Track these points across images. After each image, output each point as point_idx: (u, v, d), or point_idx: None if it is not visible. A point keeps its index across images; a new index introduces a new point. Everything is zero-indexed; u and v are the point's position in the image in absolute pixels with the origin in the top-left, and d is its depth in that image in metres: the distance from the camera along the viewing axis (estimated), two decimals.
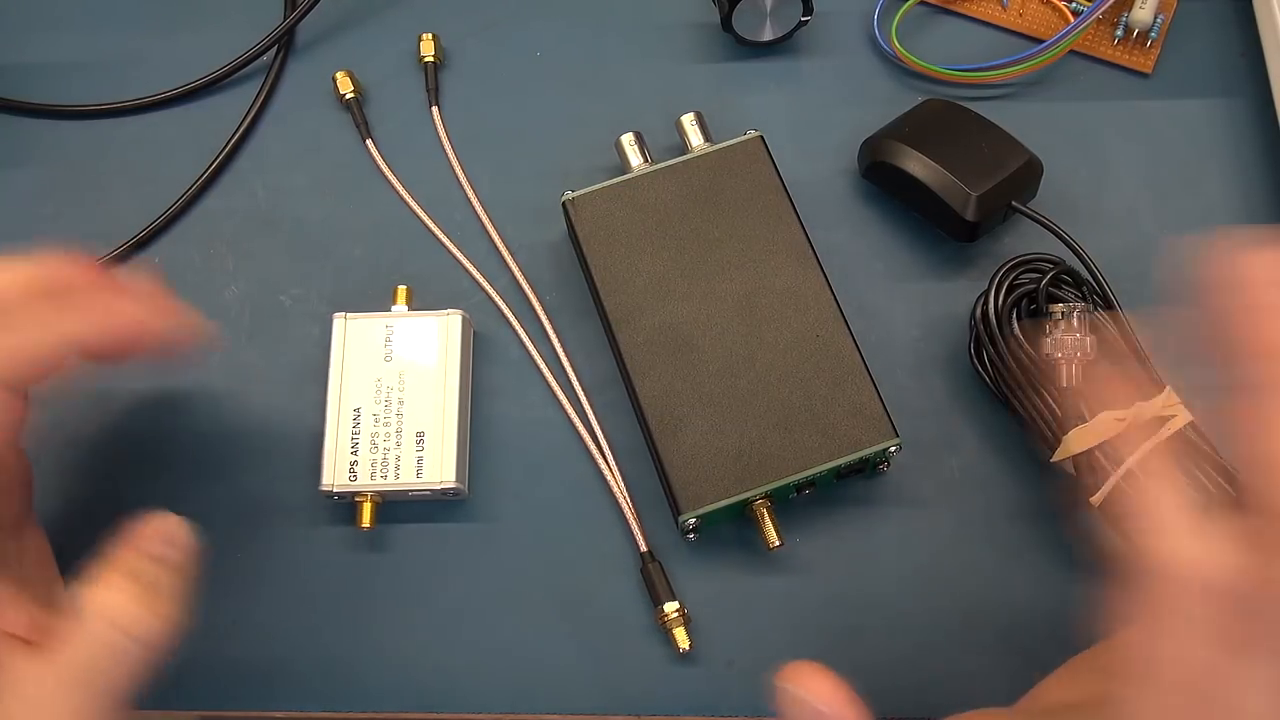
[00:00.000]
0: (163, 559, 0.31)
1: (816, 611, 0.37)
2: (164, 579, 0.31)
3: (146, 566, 0.30)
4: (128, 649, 0.29)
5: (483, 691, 0.36)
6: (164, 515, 0.31)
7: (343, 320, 0.39)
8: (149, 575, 0.30)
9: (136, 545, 0.31)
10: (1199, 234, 0.41)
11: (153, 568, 0.31)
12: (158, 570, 0.31)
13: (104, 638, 0.29)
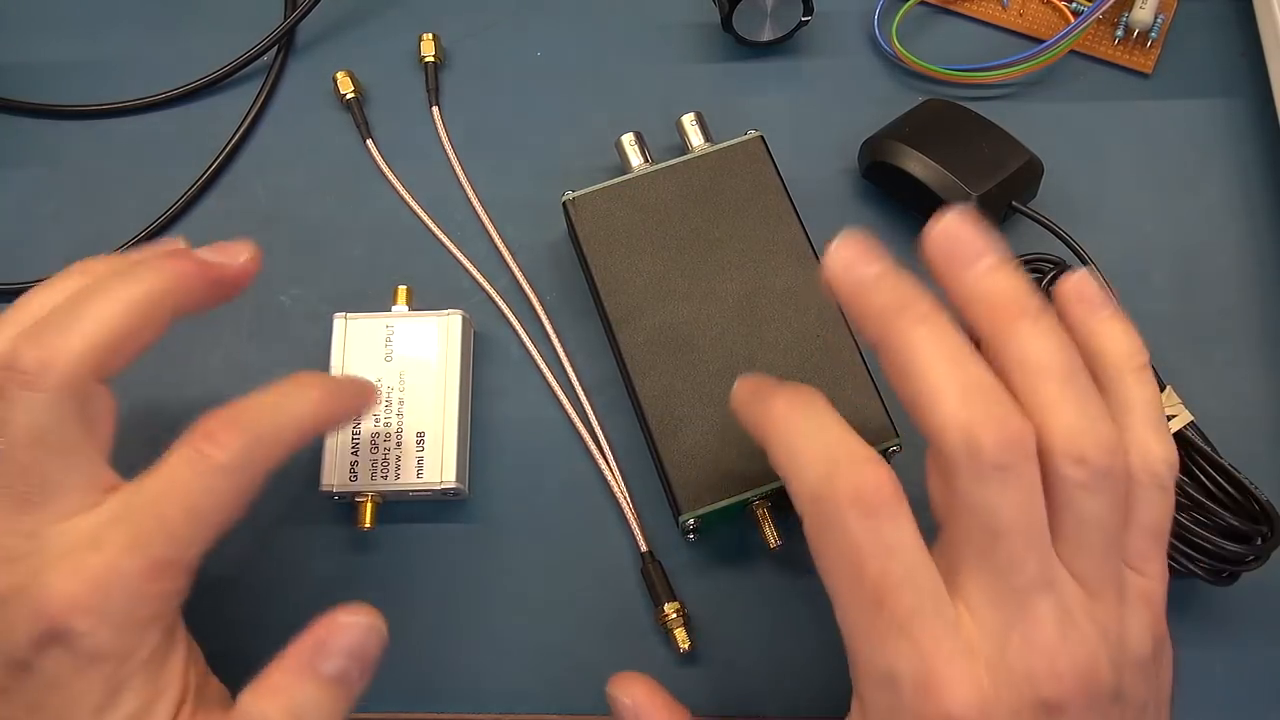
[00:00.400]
0: (340, 679, 0.29)
1: (816, 611, 0.37)
2: (329, 708, 0.28)
3: (310, 696, 0.28)
4: None
5: (483, 691, 0.36)
6: (358, 620, 0.29)
7: (343, 320, 0.39)
8: (311, 708, 0.28)
9: (311, 662, 0.28)
10: (1198, 235, 0.41)
11: (318, 698, 0.28)
12: (323, 701, 0.28)
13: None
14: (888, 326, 0.27)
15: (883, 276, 0.27)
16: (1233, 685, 0.36)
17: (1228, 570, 0.34)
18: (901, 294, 0.27)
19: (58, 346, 0.28)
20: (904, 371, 0.26)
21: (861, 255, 0.28)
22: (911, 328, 0.26)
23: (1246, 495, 0.34)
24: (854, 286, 0.28)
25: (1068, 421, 0.26)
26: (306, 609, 0.37)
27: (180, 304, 0.30)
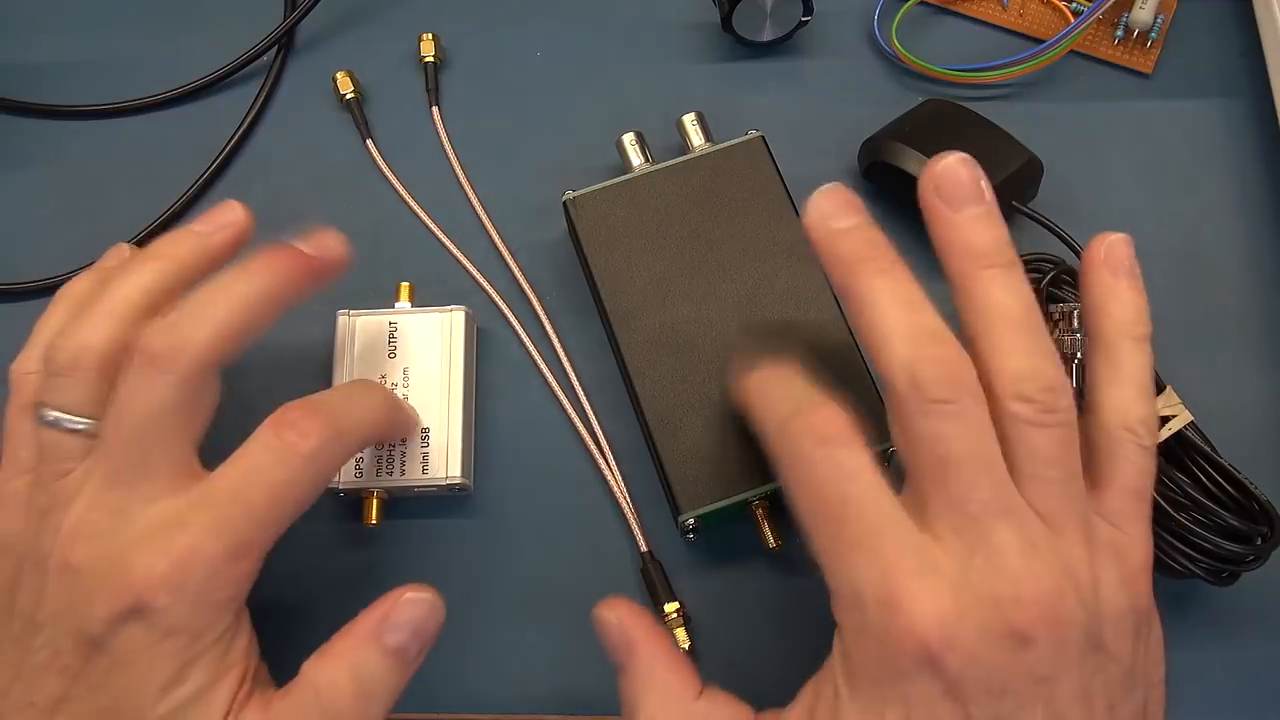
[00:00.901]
0: (400, 652, 0.30)
1: (816, 611, 0.37)
2: (387, 679, 0.30)
3: (373, 663, 0.30)
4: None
5: (483, 691, 0.36)
6: (421, 598, 0.31)
7: (347, 317, 0.39)
8: (370, 675, 0.30)
9: (377, 633, 0.30)
10: (1198, 235, 0.41)
11: (380, 666, 0.30)
12: (384, 670, 0.30)
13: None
14: (852, 274, 0.29)
15: (854, 229, 0.29)
16: (1233, 685, 0.36)
17: (1228, 570, 0.34)
18: (867, 246, 0.29)
19: (188, 335, 0.30)
20: (862, 316, 0.28)
21: (839, 207, 0.30)
22: (872, 277, 0.28)
23: (1246, 495, 0.34)
24: (827, 236, 0.29)
25: (1015, 364, 0.27)
26: (313, 605, 0.37)
27: (291, 297, 0.32)
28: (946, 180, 0.29)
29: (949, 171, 0.29)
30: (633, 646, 0.30)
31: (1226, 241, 0.41)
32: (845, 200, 0.30)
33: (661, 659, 0.30)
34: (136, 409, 0.29)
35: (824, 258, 0.30)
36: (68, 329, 0.31)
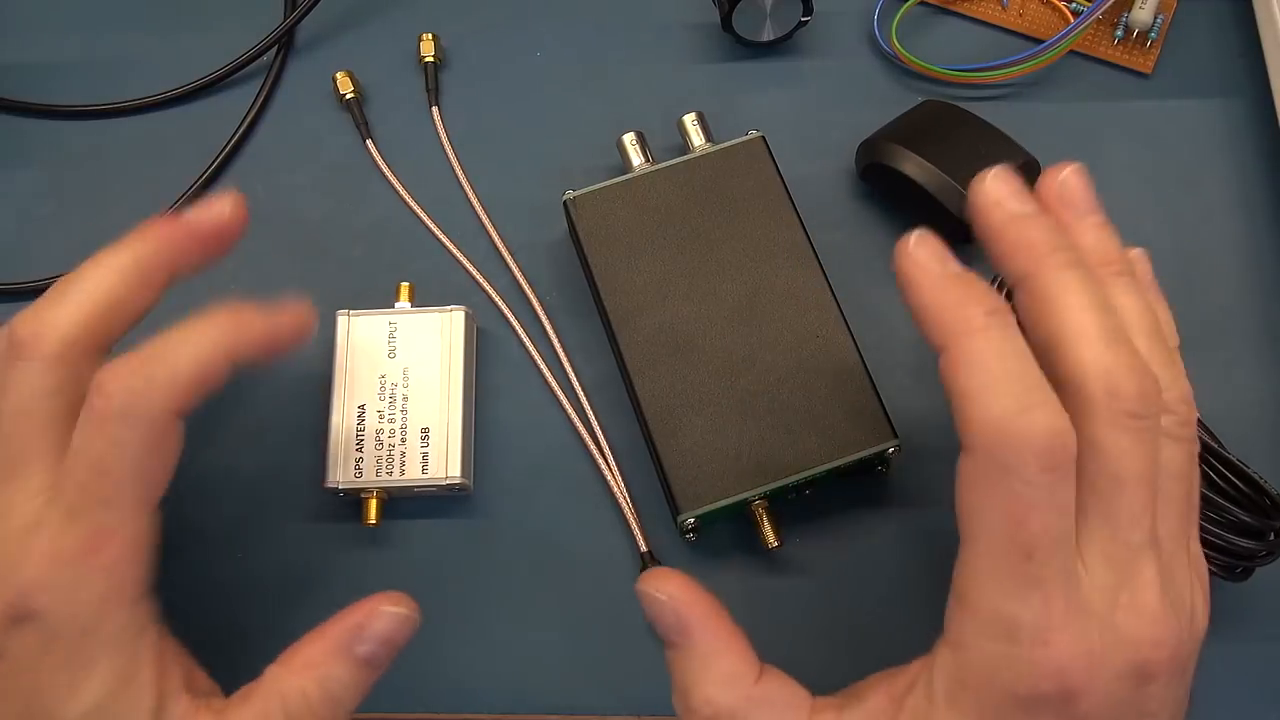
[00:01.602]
0: (369, 662, 0.30)
1: (816, 611, 0.37)
2: (356, 687, 0.30)
3: (342, 674, 0.29)
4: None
5: (483, 691, 0.36)
6: (396, 611, 0.30)
7: (346, 318, 0.39)
8: (339, 686, 0.29)
9: (349, 643, 0.29)
10: (1198, 235, 0.41)
11: (349, 677, 0.29)
12: (353, 679, 0.29)
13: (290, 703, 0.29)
14: (1039, 263, 0.27)
15: (1038, 216, 0.28)
16: (1252, 679, 0.36)
17: (1241, 566, 0.34)
18: (1055, 235, 0.27)
19: (47, 319, 0.29)
20: (1048, 309, 0.26)
21: (1018, 192, 0.28)
22: (1063, 269, 0.27)
23: (1258, 490, 0.34)
24: (1006, 219, 0.28)
25: (1183, 387, 0.28)
26: (313, 606, 0.37)
27: (172, 264, 0.31)
28: (1066, 189, 0.29)
29: (1069, 182, 0.29)
30: (687, 628, 0.29)
31: (1226, 241, 0.41)
32: (1021, 186, 0.28)
33: (721, 640, 0.29)
34: (7, 400, 0.28)
35: (1000, 244, 0.28)
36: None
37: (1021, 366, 0.25)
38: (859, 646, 0.36)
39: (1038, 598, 0.25)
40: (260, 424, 0.39)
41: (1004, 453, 0.25)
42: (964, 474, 0.26)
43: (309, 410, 0.39)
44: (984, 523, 0.26)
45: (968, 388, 0.25)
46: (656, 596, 0.29)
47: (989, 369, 0.25)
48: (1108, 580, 0.25)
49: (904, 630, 0.36)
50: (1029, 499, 0.25)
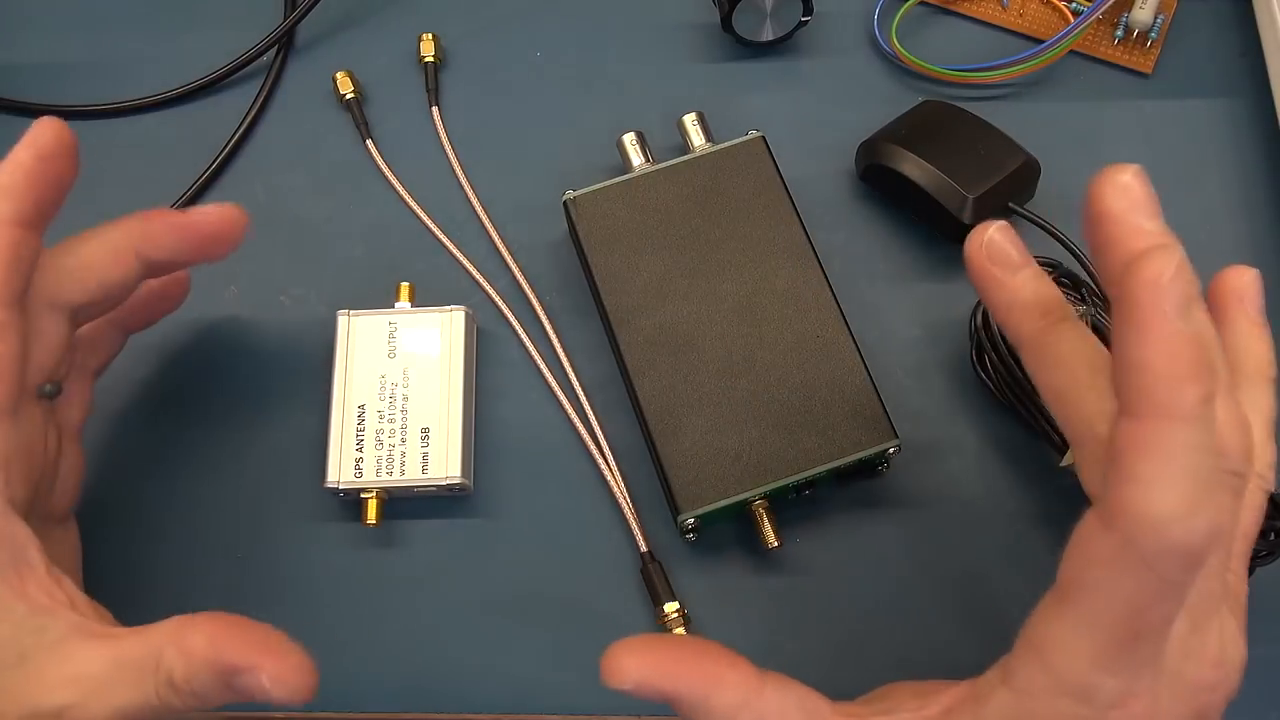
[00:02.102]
0: (239, 691, 0.28)
1: (816, 611, 0.37)
2: (216, 698, 0.28)
3: (208, 683, 0.28)
4: (152, 703, 0.28)
5: (483, 691, 0.36)
6: (294, 663, 0.28)
7: (346, 318, 0.39)
8: (205, 689, 0.28)
9: (227, 667, 0.28)
10: (1198, 235, 0.41)
11: (214, 688, 0.28)
12: (217, 692, 0.28)
13: (166, 657, 0.28)
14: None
15: (1171, 240, 0.24)
16: (1252, 679, 0.35)
17: None
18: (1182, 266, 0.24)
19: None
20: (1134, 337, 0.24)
21: (1150, 203, 0.24)
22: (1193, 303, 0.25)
23: None
24: (1139, 237, 0.24)
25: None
26: (313, 606, 0.37)
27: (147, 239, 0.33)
28: (1117, 228, 0.24)
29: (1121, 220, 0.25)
30: (667, 694, 0.27)
31: (1226, 241, 0.41)
32: (1150, 196, 0.24)
33: (708, 681, 0.27)
34: None
35: (1105, 257, 0.24)
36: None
37: (1207, 465, 0.23)
38: (859, 646, 0.36)
39: (1128, 672, 0.25)
40: (260, 424, 0.39)
41: (1154, 550, 0.23)
42: (1094, 547, 0.24)
43: (309, 410, 0.39)
44: (1100, 596, 0.24)
45: (1143, 474, 0.23)
46: (623, 688, 0.27)
47: (1175, 463, 0.23)
48: (1182, 630, 0.25)
49: (903, 630, 0.36)
50: (1159, 593, 0.23)
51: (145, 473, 0.39)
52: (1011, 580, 0.37)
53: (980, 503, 0.38)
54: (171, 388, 0.40)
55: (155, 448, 0.39)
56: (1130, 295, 0.23)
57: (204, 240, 0.35)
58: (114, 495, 0.38)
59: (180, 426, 0.40)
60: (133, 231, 0.34)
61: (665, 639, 0.29)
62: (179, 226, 0.34)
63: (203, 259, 0.35)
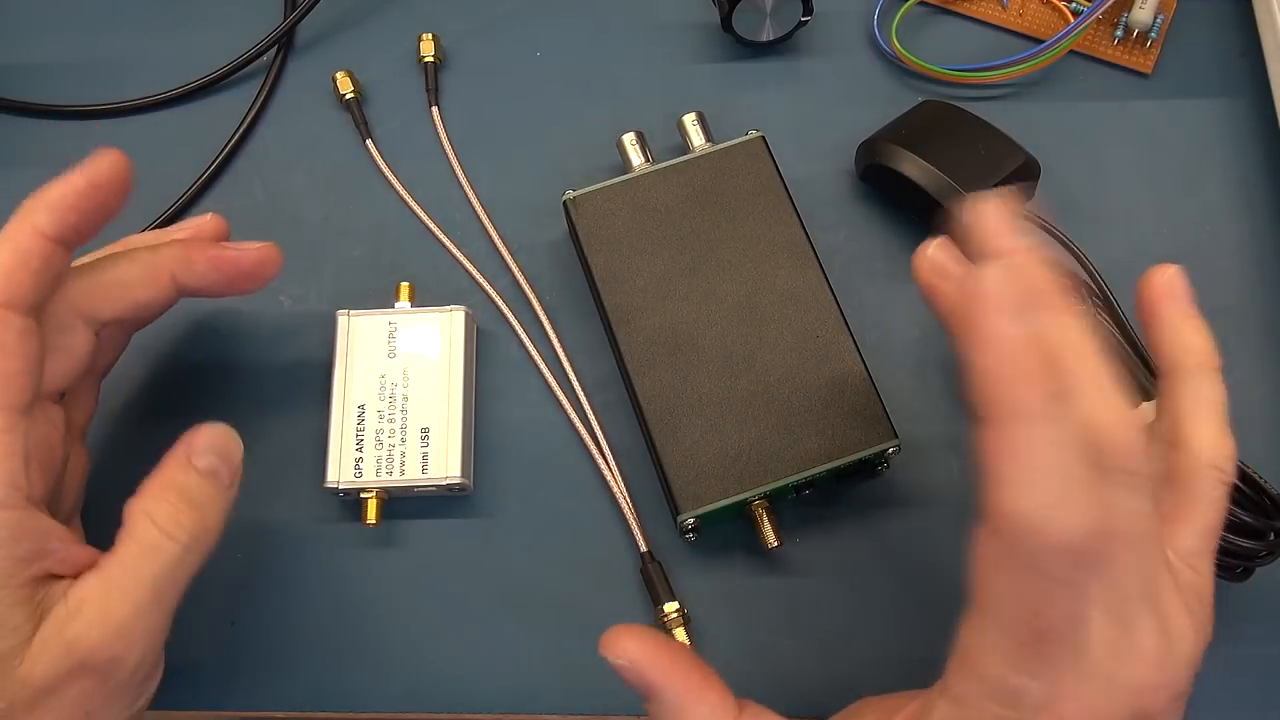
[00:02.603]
0: (212, 473, 0.32)
1: (816, 611, 0.37)
2: (210, 495, 0.32)
3: (194, 482, 0.31)
4: (172, 550, 0.30)
5: (483, 691, 0.36)
6: (216, 427, 0.32)
7: (346, 317, 0.39)
8: (195, 492, 0.31)
9: (187, 459, 0.31)
10: (1198, 235, 0.41)
11: (200, 484, 0.31)
12: (204, 487, 0.31)
13: (149, 539, 0.30)
14: (1039, 304, 0.25)
15: (1036, 250, 0.25)
16: (1252, 679, 0.36)
17: (1242, 566, 0.34)
18: (1056, 275, 0.26)
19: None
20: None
21: (1015, 222, 0.26)
22: (1064, 312, 0.25)
23: (1258, 490, 0.34)
24: (1003, 253, 0.25)
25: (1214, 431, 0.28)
26: (313, 606, 0.37)
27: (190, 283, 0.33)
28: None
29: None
30: (652, 686, 0.29)
31: (1226, 241, 0.41)
32: (1019, 214, 0.26)
33: (692, 691, 0.29)
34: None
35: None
36: None
37: (1070, 462, 0.23)
38: (859, 647, 0.36)
39: (1047, 673, 0.25)
40: (260, 424, 0.39)
41: (1034, 550, 0.23)
42: (984, 552, 0.25)
43: (309, 410, 0.39)
44: (999, 600, 0.25)
45: (1008, 477, 0.23)
46: (617, 662, 0.29)
47: (1036, 462, 0.23)
48: (1110, 635, 0.25)
49: (903, 631, 0.36)
50: (1049, 592, 0.24)
51: (145, 473, 0.39)
52: None
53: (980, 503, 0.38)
54: (171, 387, 0.40)
55: (155, 447, 0.39)
56: (964, 308, 0.24)
57: (241, 276, 0.36)
58: (114, 495, 0.38)
59: (180, 426, 0.39)
60: (173, 257, 0.35)
61: (665, 640, 0.30)
62: (219, 260, 0.35)
63: (235, 293, 0.36)
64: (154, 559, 0.30)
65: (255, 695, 0.36)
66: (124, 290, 0.34)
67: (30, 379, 0.30)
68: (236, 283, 0.36)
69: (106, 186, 0.32)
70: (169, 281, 0.35)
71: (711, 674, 0.30)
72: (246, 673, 0.37)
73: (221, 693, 0.36)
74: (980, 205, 0.26)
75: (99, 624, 0.29)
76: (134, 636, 0.30)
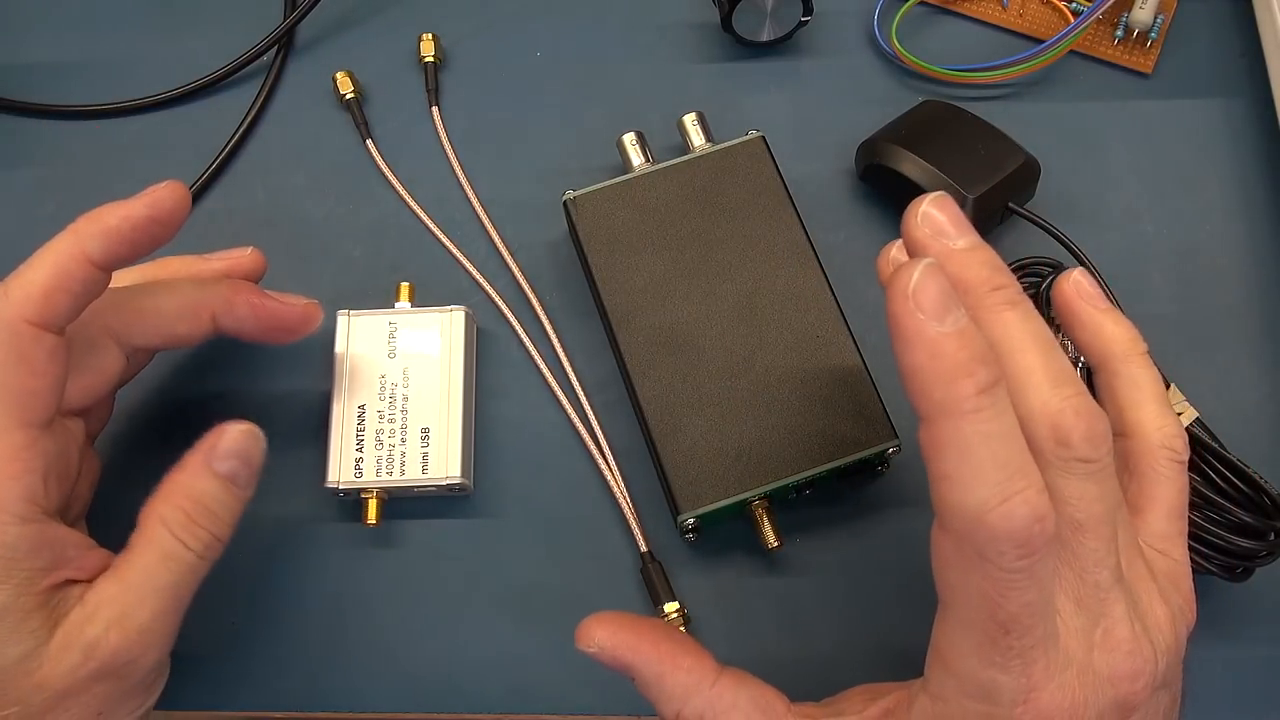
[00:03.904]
0: (231, 478, 0.32)
1: (816, 611, 0.37)
2: (227, 501, 0.32)
3: (212, 488, 0.32)
4: (188, 557, 0.31)
5: (483, 691, 0.36)
6: (239, 429, 0.32)
7: (346, 318, 0.39)
8: (212, 499, 0.32)
9: (206, 463, 0.32)
10: (1198, 235, 0.41)
11: (218, 490, 0.32)
12: (222, 493, 0.32)
13: (166, 545, 0.31)
14: (979, 305, 0.26)
15: (977, 250, 0.27)
16: (1252, 679, 0.36)
17: (1242, 566, 0.34)
18: (995, 272, 0.26)
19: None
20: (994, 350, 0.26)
21: (955, 223, 0.27)
22: (1004, 309, 0.26)
23: (1257, 490, 0.34)
24: (945, 255, 0.26)
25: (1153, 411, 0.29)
26: (313, 606, 0.37)
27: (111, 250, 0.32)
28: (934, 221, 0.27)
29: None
30: (626, 665, 0.30)
31: (1226, 241, 0.41)
32: (958, 215, 0.27)
33: (665, 661, 0.29)
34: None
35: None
36: None
37: (1006, 451, 0.24)
38: (859, 647, 0.36)
39: (1017, 665, 0.25)
40: (260, 424, 0.39)
41: (981, 541, 0.24)
42: (939, 549, 0.25)
43: (309, 410, 0.39)
44: (961, 597, 0.25)
45: (947, 471, 0.24)
46: (589, 651, 0.30)
47: (972, 455, 0.24)
48: (1081, 623, 0.25)
49: (903, 630, 0.36)
50: (1006, 582, 0.24)
51: (145, 473, 0.39)
52: None
53: None
54: (171, 388, 0.40)
55: (155, 448, 0.39)
56: (889, 309, 0.24)
57: (280, 329, 0.36)
58: (114, 496, 0.38)
59: (180, 426, 0.39)
60: (216, 297, 0.35)
61: (636, 618, 0.30)
62: (262, 310, 0.35)
63: (269, 341, 0.36)
64: (170, 565, 0.31)
65: (255, 695, 0.36)
66: (163, 321, 0.34)
67: (54, 397, 0.31)
68: (274, 334, 0.36)
69: (165, 220, 0.32)
70: (209, 320, 0.35)
71: (686, 640, 0.30)
72: (246, 673, 0.37)
73: (221, 693, 0.36)
74: (912, 206, 0.27)
75: (117, 628, 0.30)
76: (150, 640, 0.30)
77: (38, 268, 0.30)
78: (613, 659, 0.30)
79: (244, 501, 0.32)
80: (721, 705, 0.29)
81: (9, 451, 0.30)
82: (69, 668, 0.29)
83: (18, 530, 0.29)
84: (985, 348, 0.24)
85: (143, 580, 0.30)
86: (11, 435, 0.30)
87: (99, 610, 0.30)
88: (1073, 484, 0.25)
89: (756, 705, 0.29)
